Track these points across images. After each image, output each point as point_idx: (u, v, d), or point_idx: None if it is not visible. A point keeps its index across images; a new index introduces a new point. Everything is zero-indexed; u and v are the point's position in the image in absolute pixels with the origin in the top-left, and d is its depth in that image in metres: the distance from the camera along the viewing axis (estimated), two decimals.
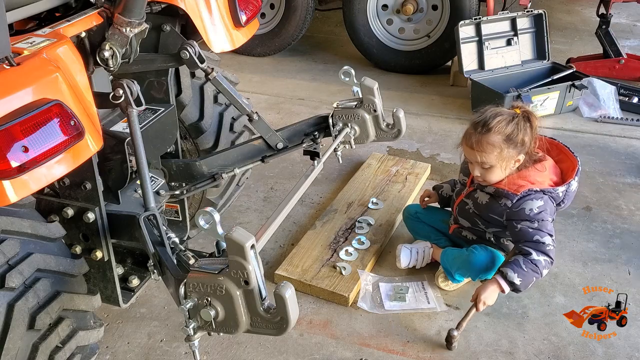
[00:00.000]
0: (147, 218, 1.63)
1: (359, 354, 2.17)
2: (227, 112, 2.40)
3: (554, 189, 2.23)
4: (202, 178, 2.18)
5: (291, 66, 4.91)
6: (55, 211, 1.74)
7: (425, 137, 3.72)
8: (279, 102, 4.25)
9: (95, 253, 1.76)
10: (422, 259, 2.52)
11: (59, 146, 1.35)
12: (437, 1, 4.45)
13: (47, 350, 1.48)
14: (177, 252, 1.61)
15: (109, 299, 1.86)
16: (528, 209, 2.18)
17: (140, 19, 1.63)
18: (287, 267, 2.51)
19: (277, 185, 3.22)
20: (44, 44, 1.46)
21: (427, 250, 2.52)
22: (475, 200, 2.35)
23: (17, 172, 1.27)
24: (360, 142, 2.29)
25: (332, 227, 2.76)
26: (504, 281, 2.16)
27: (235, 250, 1.36)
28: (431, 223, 2.62)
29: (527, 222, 2.19)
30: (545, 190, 2.22)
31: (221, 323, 1.45)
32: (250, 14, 2.13)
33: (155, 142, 1.99)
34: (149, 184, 1.66)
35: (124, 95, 1.61)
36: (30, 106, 1.31)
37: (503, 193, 2.24)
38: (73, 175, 1.63)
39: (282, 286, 1.38)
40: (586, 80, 3.89)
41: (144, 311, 2.36)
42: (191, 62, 1.91)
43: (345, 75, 2.24)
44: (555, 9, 6.17)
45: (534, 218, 2.18)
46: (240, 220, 2.92)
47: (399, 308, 2.36)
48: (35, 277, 1.46)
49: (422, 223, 2.64)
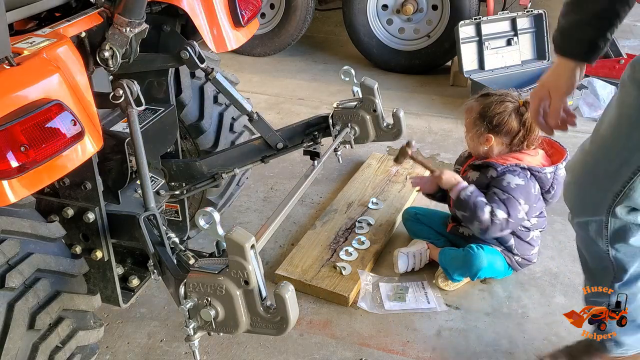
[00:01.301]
0: (147, 218, 1.63)
1: (359, 354, 2.17)
2: (227, 112, 2.40)
3: (541, 168, 2.35)
4: (202, 178, 2.18)
5: (291, 66, 4.91)
6: (55, 211, 1.74)
7: (425, 137, 3.72)
8: (279, 102, 4.25)
9: (95, 253, 1.76)
10: (420, 261, 2.53)
11: (59, 146, 1.35)
12: (437, 1, 4.45)
13: (47, 350, 1.48)
14: (177, 252, 1.61)
15: (109, 299, 1.86)
16: (506, 181, 2.31)
17: (140, 19, 1.63)
18: (287, 267, 2.51)
19: (277, 185, 3.23)
20: (44, 44, 1.46)
21: (424, 252, 2.53)
22: (467, 180, 2.42)
23: (17, 172, 1.27)
24: (360, 142, 2.28)
25: (332, 227, 2.76)
26: (461, 188, 2.32)
27: (235, 250, 1.36)
28: (430, 224, 2.63)
29: (499, 190, 2.31)
30: (533, 169, 2.34)
31: (221, 323, 1.45)
32: (250, 14, 2.13)
33: (155, 142, 1.99)
34: (149, 184, 1.66)
35: (124, 95, 1.61)
36: (30, 106, 1.31)
37: (490, 164, 2.37)
38: (73, 175, 1.63)
39: (282, 286, 1.38)
40: (586, 81, 3.89)
41: (144, 311, 2.36)
42: (191, 62, 1.90)
43: (345, 75, 2.24)
44: (555, 9, 6.15)
45: (506, 190, 2.29)
46: (240, 220, 2.92)
47: (399, 308, 2.35)
48: (35, 277, 1.46)
49: (422, 224, 2.65)
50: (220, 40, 2.02)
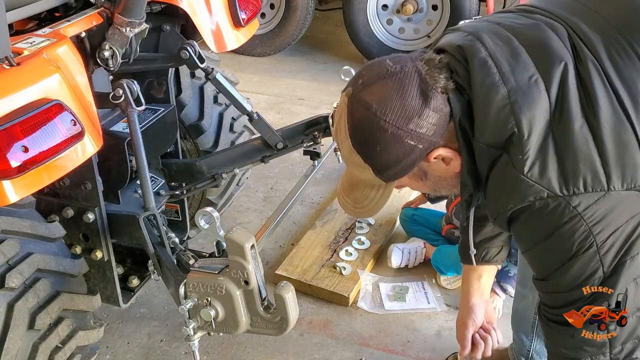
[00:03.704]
0: (147, 218, 1.63)
1: (359, 354, 2.17)
2: (227, 112, 2.40)
3: None
4: (202, 178, 2.18)
5: (291, 66, 4.91)
6: (55, 211, 1.74)
7: None
8: (279, 102, 4.25)
9: (95, 253, 1.76)
10: (415, 259, 2.52)
11: (59, 146, 1.35)
12: (437, 1, 4.45)
13: (47, 350, 1.48)
14: (177, 252, 1.62)
15: (109, 299, 1.86)
16: None
17: (140, 19, 1.63)
18: (287, 267, 2.51)
19: (277, 185, 3.22)
20: (44, 44, 1.46)
21: (420, 250, 2.52)
22: None
23: (17, 172, 1.27)
24: None
25: (332, 227, 2.76)
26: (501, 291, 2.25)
27: (235, 250, 1.36)
28: (428, 225, 2.63)
29: None
30: None
31: (221, 323, 1.45)
32: (250, 14, 2.13)
33: (155, 142, 1.98)
34: (149, 184, 1.65)
35: (124, 95, 1.61)
36: (30, 106, 1.31)
37: None
38: (73, 175, 1.62)
39: (282, 286, 1.39)
40: None
41: (144, 311, 2.36)
42: (191, 62, 1.90)
43: (345, 75, 2.24)
44: None
45: None
46: (240, 220, 2.92)
47: (399, 308, 2.35)
48: (35, 277, 1.46)
49: (419, 225, 2.65)
50: (220, 40, 2.02)
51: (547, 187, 1.09)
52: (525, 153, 1.09)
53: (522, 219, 1.16)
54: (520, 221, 1.17)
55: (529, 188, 1.10)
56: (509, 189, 1.14)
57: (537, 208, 1.12)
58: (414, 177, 1.26)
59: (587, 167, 1.07)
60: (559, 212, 1.10)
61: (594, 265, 1.13)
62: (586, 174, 1.08)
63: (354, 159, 1.22)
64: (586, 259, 1.13)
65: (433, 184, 1.29)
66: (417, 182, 1.30)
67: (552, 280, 1.20)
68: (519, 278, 1.95)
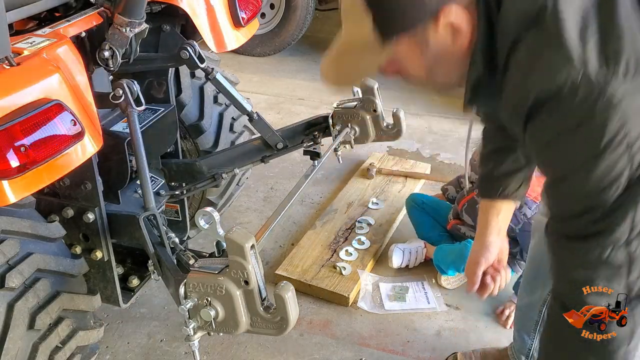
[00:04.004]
0: (147, 218, 1.63)
1: (359, 354, 2.17)
2: (227, 112, 2.40)
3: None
4: (202, 178, 2.18)
5: (291, 66, 4.91)
6: (55, 211, 1.74)
7: (425, 137, 3.72)
8: (279, 102, 4.25)
9: (95, 253, 1.76)
10: (415, 259, 2.52)
11: (59, 146, 1.36)
12: None
13: (47, 350, 1.48)
14: (177, 252, 1.61)
15: (109, 299, 1.86)
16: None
17: (140, 19, 1.63)
18: (287, 267, 2.51)
19: (277, 185, 3.22)
20: (44, 44, 1.46)
21: (420, 250, 2.52)
22: None
23: (17, 172, 1.27)
24: (360, 142, 2.28)
25: (332, 227, 2.76)
26: None
27: (235, 250, 1.36)
28: (435, 215, 2.61)
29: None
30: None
31: (221, 323, 1.45)
32: (250, 14, 2.13)
33: (155, 142, 1.98)
34: (149, 184, 1.65)
35: (124, 95, 1.61)
36: (30, 106, 1.31)
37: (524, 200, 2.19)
38: (73, 175, 1.62)
39: (282, 286, 1.38)
40: None
41: (144, 311, 2.36)
42: (191, 62, 1.90)
43: None
44: None
45: None
46: (240, 220, 2.92)
47: (399, 308, 2.35)
48: (35, 277, 1.46)
49: (427, 215, 2.62)
50: (220, 40, 2.02)
51: (583, 65, 0.95)
52: (561, 26, 0.96)
53: (545, 109, 1.01)
54: (543, 111, 1.02)
55: (561, 67, 0.97)
56: (536, 69, 1.00)
57: (566, 95, 0.98)
58: (413, 46, 1.10)
59: (631, 48, 0.95)
60: (591, 101, 0.96)
61: (622, 165, 1.00)
62: (630, 56, 0.95)
63: (355, 6, 1.08)
64: (615, 157, 1.00)
65: (431, 61, 1.13)
66: (414, 56, 1.13)
67: (573, 178, 1.07)
68: (525, 277, 1.94)
